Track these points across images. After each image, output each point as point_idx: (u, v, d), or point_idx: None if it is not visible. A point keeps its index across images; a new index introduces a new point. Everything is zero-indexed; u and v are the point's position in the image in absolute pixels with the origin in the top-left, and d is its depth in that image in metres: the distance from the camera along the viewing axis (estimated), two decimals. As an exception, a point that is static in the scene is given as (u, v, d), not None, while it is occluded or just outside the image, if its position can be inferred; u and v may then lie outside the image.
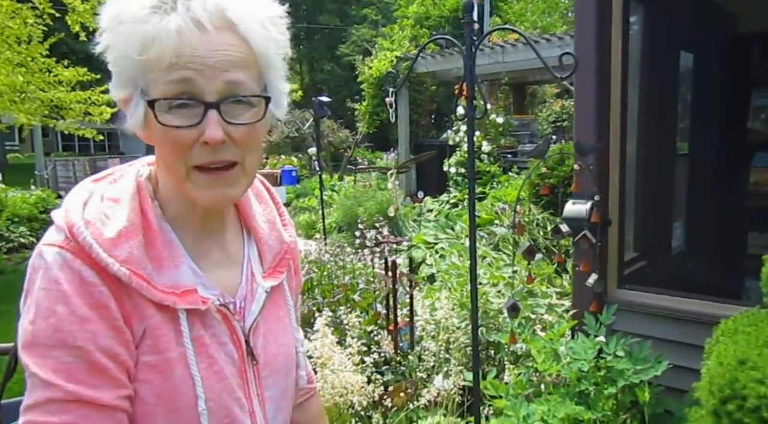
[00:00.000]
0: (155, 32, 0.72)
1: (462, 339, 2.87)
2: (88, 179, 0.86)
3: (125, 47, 0.74)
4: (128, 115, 0.78)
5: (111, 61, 0.77)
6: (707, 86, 4.20)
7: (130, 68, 0.75)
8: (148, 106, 0.75)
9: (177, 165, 0.77)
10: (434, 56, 10.65)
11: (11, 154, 29.57)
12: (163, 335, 0.77)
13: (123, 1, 0.75)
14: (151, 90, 0.74)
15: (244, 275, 0.90)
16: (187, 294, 0.79)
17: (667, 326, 2.74)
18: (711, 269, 3.88)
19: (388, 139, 16.90)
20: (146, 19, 0.72)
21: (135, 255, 0.76)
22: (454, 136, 9.53)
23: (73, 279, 0.72)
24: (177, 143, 0.75)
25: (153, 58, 0.72)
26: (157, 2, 0.73)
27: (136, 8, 0.73)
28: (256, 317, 0.88)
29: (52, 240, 0.76)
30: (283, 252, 0.96)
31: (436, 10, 19.28)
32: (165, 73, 0.73)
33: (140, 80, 0.75)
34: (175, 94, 0.73)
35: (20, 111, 8.10)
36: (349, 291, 3.15)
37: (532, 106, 16.25)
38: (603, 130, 2.87)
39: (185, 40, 0.72)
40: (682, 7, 3.71)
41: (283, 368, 0.93)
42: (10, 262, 8.11)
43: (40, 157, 17.03)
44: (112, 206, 0.79)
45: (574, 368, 1.98)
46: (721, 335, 1.49)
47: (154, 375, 0.77)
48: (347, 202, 8.31)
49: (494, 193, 7.29)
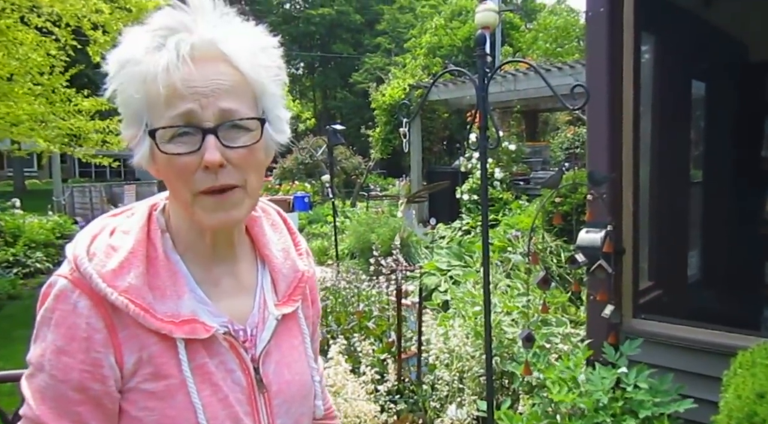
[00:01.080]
0: (149, 70, 0.77)
1: (476, 368, 2.85)
2: (106, 215, 0.91)
3: (127, 89, 0.80)
4: (136, 152, 0.83)
5: (119, 104, 0.82)
6: (720, 115, 4.20)
7: (133, 107, 0.81)
8: (150, 137, 0.80)
9: (183, 192, 0.81)
10: (446, 85, 10.75)
11: (29, 180, 30.02)
12: (163, 362, 0.80)
13: (123, 46, 0.81)
14: (155, 125, 0.79)
15: (257, 303, 0.92)
16: (185, 323, 0.81)
17: (683, 356, 2.70)
18: (727, 298, 3.82)
19: (400, 165, 17.00)
20: (141, 59, 0.78)
21: (135, 285, 0.79)
22: (466, 163, 9.56)
23: (65, 309, 0.78)
24: (180, 170, 0.79)
25: (151, 94, 0.78)
26: (150, 42, 0.79)
27: (133, 50, 0.79)
28: (267, 345, 0.90)
29: (61, 271, 0.82)
30: (297, 280, 0.98)
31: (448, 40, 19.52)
32: (164, 106, 0.78)
33: (144, 117, 0.81)
34: (175, 123, 0.78)
35: (40, 138, 8.26)
36: (363, 318, 3.15)
37: (545, 133, 16.28)
38: (616, 159, 2.88)
39: (177, 73, 0.77)
40: (693, 36, 3.74)
41: (297, 396, 0.94)
42: (26, 287, 8.17)
43: (58, 183, 17.26)
44: (122, 238, 0.83)
45: (592, 399, 1.96)
46: (738, 367, 1.48)
47: (155, 403, 0.79)
48: (360, 228, 8.33)
49: (507, 221, 7.27)
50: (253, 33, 0.85)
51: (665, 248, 3.55)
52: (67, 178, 26.11)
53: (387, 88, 12.26)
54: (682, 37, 3.63)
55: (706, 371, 2.61)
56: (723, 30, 3.96)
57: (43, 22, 6.57)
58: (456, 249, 6.73)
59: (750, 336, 2.58)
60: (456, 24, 19.49)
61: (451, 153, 14.19)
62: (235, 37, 0.82)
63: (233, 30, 0.83)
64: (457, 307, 3.72)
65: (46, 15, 6.46)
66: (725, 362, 2.44)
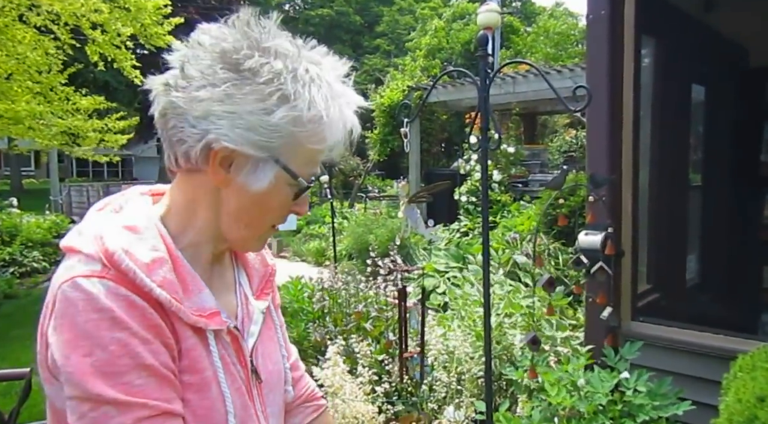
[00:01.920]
0: (331, 135, 0.82)
1: (474, 370, 2.84)
2: (92, 209, 0.88)
3: (291, 127, 0.79)
4: (239, 170, 0.80)
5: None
6: (719, 119, 4.20)
7: (281, 142, 0.79)
8: (290, 176, 0.82)
9: (265, 225, 0.87)
10: (445, 86, 10.76)
11: (27, 180, 29.98)
12: (198, 354, 0.81)
13: (313, 74, 0.81)
14: (290, 162, 0.81)
15: (239, 299, 0.94)
16: (213, 316, 0.83)
17: (681, 359, 2.70)
18: (725, 302, 3.83)
19: (398, 167, 16.99)
20: (325, 114, 0.80)
21: (169, 279, 0.79)
22: (464, 165, 9.57)
23: (123, 305, 0.74)
24: (285, 211, 0.87)
25: (310, 147, 0.81)
26: (328, 98, 0.81)
27: (320, 98, 0.80)
28: (257, 338, 0.93)
29: (85, 271, 0.75)
30: (268, 274, 1.02)
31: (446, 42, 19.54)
32: (307, 159, 0.82)
33: (281, 149, 0.80)
34: (309, 180, 0.84)
35: (38, 137, 8.25)
36: (362, 319, 3.14)
37: (543, 135, 16.31)
38: (615, 162, 2.88)
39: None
40: (693, 40, 3.74)
41: (278, 385, 0.98)
42: (22, 286, 8.15)
43: (55, 182, 17.23)
44: (132, 235, 0.81)
45: (593, 402, 1.95)
46: (738, 370, 1.47)
47: (191, 394, 0.79)
48: (358, 229, 8.33)
49: (505, 223, 7.27)
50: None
51: (664, 251, 3.55)
52: (65, 177, 26.08)
53: (386, 91, 12.27)
54: (682, 41, 3.63)
55: (705, 375, 2.61)
56: (723, 35, 3.97)
57: (42, 20, 6.55)
58: (454, 251, 6.73)
59: (749, 340, 2.58)
60: (457, 26, 19.50)
61: (449, 155, 14.19)
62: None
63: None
64: (455, 308, 3.72)
65: (45, 14, 6.45)
66: (723, 365, 2.43)
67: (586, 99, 1.66)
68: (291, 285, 4.01)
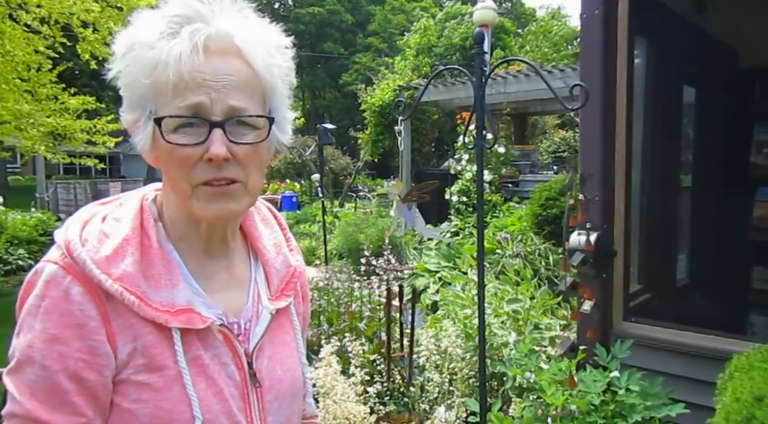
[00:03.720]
0: (160, 57, 0.76)
1: (466, 370, 2.83)
2: (95, 202, 0.88)
3: (135, 72, 0.78)
4: (136, 137, 0.81)
5: (122, 86, 0.80)
6: (710, 120, 4.22)
7: (139, 92, 0.79)
8: (155, 125, 0.78)
9: (182, 182, 0.79)
10: (437, 86, 10.75)
11: (12, 177, 29.61)
12: (158, 353, 0.77)
13: (135, 29, 0.79)
14: (160, 112, 0.78)
15: (251, 297, 0.91)
16: (181, 313, 0.79)
17: (672, 360, 2.70)
18: (715, 303, 3.85)
19: (389, 166, 17.00)
20: (153, 45, 0.76)
21: (129, 273, 0.77)
22: (455, 164, 9.57)
23: (57, 296, 0.74)
24: (183, 161, 0.78)
25: (160, 81, 0.76)
26: (164, 28, 0.77)
27: (145, 35, 0.77)
28: (260, 339, 0.88)
29: (50, 256, 0.78)
30: (290, 276, 0.97)
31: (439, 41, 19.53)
32: (172, 96, 0.76)
33: (149, 103, 0.79)
34: (183, 114, 0.77)
35: (25, 137, 8.14)
36: (355, 319, 3.12)
37: (533, 136, 16.36)
38: (608, 162, 2.88)
39: (189, 64, 0.75)
40: (685, 41, 3.76)
41: (288, 393, 0.92)
42: (7, 284, 8.05)
43: (42, 179, 17.07)
44: (113, 226, 0.81)
45: (586, 401, 1.94)
46: (734, 370, 1.47)
47: (149, 394, 0.76)
48: (348, 229, 8.31)
49: (496, 223, 7.28)
50: (269, 30, 0.84)
51: (655, 251, 3.56)
52: (51, 174, 25.79)
53: (376, 90, 12.25)
54: (674, 42, 3.64)
55: (695, 375, 2.61)
56: (714, 36, 3.98)
57: (32, 20, 6.47)
58: (445, 250, 6.72)
59: (740, 341, 2.59)
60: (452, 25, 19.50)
61: (439, 155, 14.21)
62: (251, 32, 0.81)
63: (250, 25, 0.82)
64: (446, 309, 3.71)
65: (34, 12, 6.37)
66: (714, 365, 2.44)
67: (582, 97, 1.65)
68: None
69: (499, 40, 18.52)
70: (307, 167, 16.47)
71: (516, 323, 3.01)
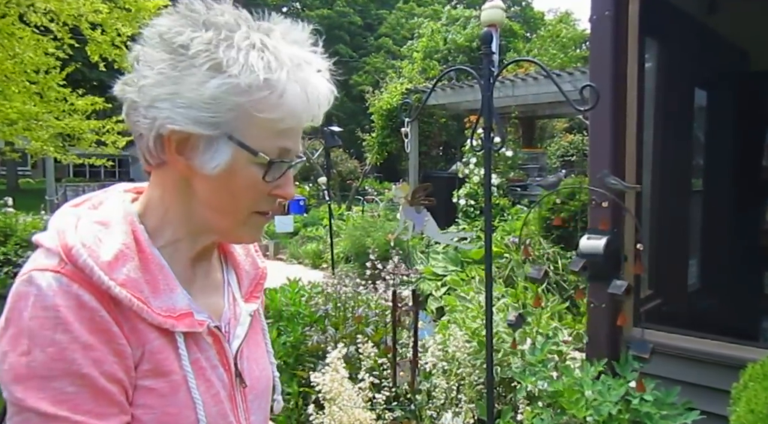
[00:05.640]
0: (279, 89, 0.74)
1: (473, 376, 2.80)
2: (67, 204, 0.85)
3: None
4: (194, 153, 0.76)
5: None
6: (721, 123, 4.18)
7: (232, 116, 0.75)
8: (250, 154, 0.76)
9: (243, 210, 0.80)
10: (444, 89, 10.73)
11: (23, 179, 29.85)
12: (164, 358, 0.76)
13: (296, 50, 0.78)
14: (248, 140, 0.75)
15: (227, 300, 0.91)
16: (184, 317, 0.79)
17: (684, 367, 2.66)
18: (726, 308, 3.80)
19: (396, 170, 16.96)
20: (280, 78, 0.74)
21: (133, 278, 0.75)
22: (463, 168, 9.53)
23: (72, 304, 0.70)
24: (258, 194, 0.79)
25: (261, 112, 0.74)
26: (292, 60, 0.76)
27: (280, 63, 0.75)
28: (242, 341, 0.89)
29: (43, 265, 0.72)
30: (259, 277, 0.98)
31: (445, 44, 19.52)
32: (270, 132, 0.76)
33: (231, 124, 0.75)
34: (278, 154, 0.77)
35: (34, 138, 8.18)
36: (362, 324, 3.09)
37: (542, 139, 16.29)
38: (618, 165, 2.84)
39: (304, 110, 0.77)
40: (696, 43, 3.71)
41: (265, 391, 0.94)
42: (16, 286, 8.08)
43: (51, 182, 17.17)
44: (102, 230, 0.78)
45: (603, 412, 1.90)
46: (749, 379, 1.43)
47: (155, 400, 0.75)
48: (355, 232, 8.29)
49: (504, 227, 7.24)
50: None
51: (666, 256, 3.51)
52: (61, 177, 25.97)
53: (383, 94, 12.25)
54: (685, 44, 3.60)
55: (707, 382, 2.57)
56: (726, 38, 3.94)
57: (41, 20, 6.50)
58: (452, 254, 6.69)
59: (754, 348, 2.55)
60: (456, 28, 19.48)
61: (447, 158, 14.16)
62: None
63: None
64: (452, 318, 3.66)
65: (42, 13, 6.40)
66: (726, 373, 2.40)
67: (592, 99, 1.62)
68: (288, 288, 3.95)
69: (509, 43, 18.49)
70: (314, 170, 16.46)
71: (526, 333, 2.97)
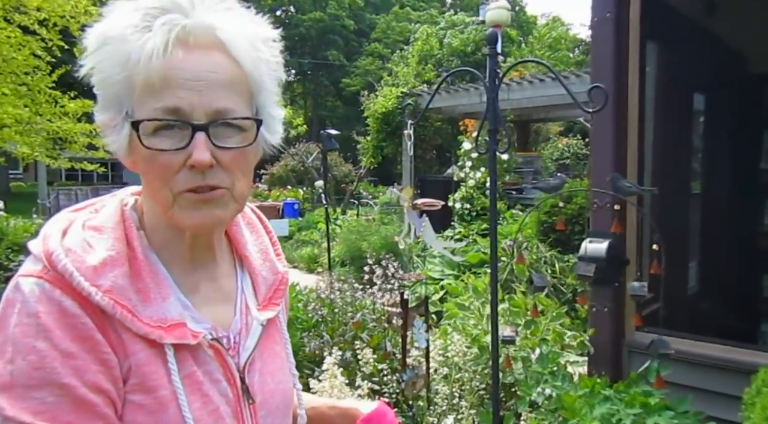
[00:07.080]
0: (133, 52, 0.68)
1: (475, 382, 2.76)
2: (67, 209, 0.81)
3: (106, 69, 0.71)
4: (111, 139, 0.74)
5: (95, 83, 0.73)
6: (720, 126, 4.17)
7: (113, 90, 0.72)
8: (132, 128, 0.71)
9: (163, 190, 0.73)
10: (440, 93, 10.72)
11: (14, 183, 29.60)
12: (151, 371, 0.71)
13: (107, 22, 0.72)
14: (137, 113, 0.71)
15: (238, 309, 0.85)
16: (174, 328, 0.73)
17: (687, 371, 2.63)
18: (726, 312, 3.78)
19: (391, 173, 16.96)
20: (127, 39, 0.69)
21: (119, 285, 0.71)
22: (458, 172, 9.51)
23: (53, 311, 0.67)
24: (163, 168, 0.72)
25: (134, 79, 0.70)
26: (139, 21, 0.70)
27: (119, 28, 0.70)
28: (252, 353, 0.83)
29: (29, 270, 0.70)
30: (278, 283, 0.92)
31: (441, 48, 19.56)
32: (149, 95, 0.70)
33: (125, 103, 0.72)
34: (162, 117, 0.70)
35: (24, 143, 8.08)
36: (359, 329, 3.05)
37: (537, 143, 16.30)
38: (620, 168, 2.82)
39: (167, 60, 0.68)
40: (695, 46, 3.70)
41: (281, 407, 0.88)
42: (7, 291, 7.99)
43: (43, 186, 17.08)
44: (94, 235, 0.74)
45: (614, 421, 1.87)
46: (762, 385, 1.39)
47: (144, 417, 0.70)
48: (351, 236, 8.23)
49: (500, 230, 7.21)
50: (254, 22, 0.77)
51: (667, 259, 3.49)
52: (53, 181, 25.79)
53: (379, 97, 12.24)
54: (684, 46, 3.59)
55: (712, 387, 2.54)
56: (725, 41, 3.93)
57: (32, 23, 6.42)
58: (448, 258, 6.64)
59: (758, 352, 2.53)
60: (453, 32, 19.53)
61: (441, 161, 14.16)
62: (235, 24, 0.73)
63: (234, 17, 0.75)
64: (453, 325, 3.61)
65: (33, 15, 6.33)
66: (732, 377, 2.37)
67: (600, 100, 1.59)
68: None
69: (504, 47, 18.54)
70: (309, 174, 16.43)
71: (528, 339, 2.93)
